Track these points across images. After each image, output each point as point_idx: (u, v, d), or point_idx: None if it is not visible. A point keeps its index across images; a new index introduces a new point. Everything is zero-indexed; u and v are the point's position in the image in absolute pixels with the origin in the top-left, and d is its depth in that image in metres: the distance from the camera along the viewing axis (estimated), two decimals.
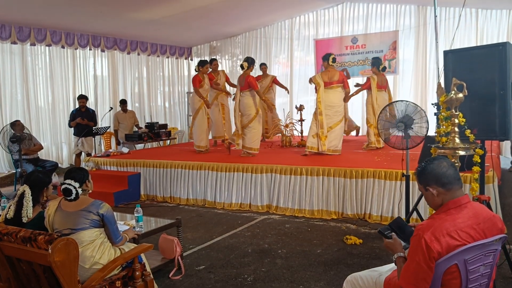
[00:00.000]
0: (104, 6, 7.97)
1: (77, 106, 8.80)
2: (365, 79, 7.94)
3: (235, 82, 7.86)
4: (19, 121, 7.21)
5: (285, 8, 10.37)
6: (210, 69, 8.03)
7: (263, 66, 9.24)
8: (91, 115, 8.61)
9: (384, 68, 7.69)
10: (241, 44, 12.00)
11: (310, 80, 7.12)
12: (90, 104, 9.07)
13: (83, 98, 8.59)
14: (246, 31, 11.67)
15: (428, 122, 3.99)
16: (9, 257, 2.57)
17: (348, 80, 7.36)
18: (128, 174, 6.88)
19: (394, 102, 4.23)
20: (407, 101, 4.09)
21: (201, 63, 7.68)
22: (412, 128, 3.99)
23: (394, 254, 2.12)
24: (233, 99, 7.51)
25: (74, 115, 8.49)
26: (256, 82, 7.12)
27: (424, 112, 3.98)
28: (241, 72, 7.08)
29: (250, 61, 7.02)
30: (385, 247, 2.22)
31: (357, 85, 7.96)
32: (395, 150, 4.65)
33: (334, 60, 6.79)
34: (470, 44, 8.88)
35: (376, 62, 7.51)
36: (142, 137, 9.30)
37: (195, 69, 7.88)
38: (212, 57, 10.22)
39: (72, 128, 8.62)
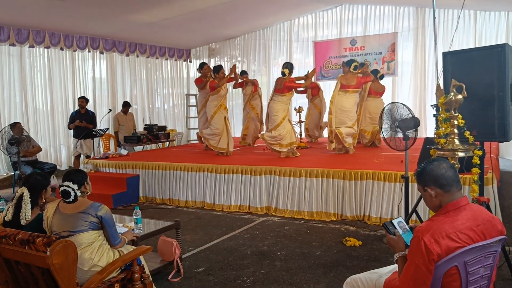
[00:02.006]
0: (103, 8, 7.97)
1: (76, 107, 8.80)
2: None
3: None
4: (19, 123, 7.17)
5: (284, 10, 10.38)
6: (200, 74, 7.80)
7: (244, 75, 8.79)
8: (90, 118, 8.61)
9: (382, 76, 8.25)
10: (240, 46, 12.02)
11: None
12: (89, 106, 9.06)
13: (82, 98, 8.60)
14: (245, 33, 11.69)
15: (417, 127, 4.01)
16: (7, 259, 2.56)
17: None
18: (127, 176, 6.86)
19: (391, 103, 4.24)
20: (401, 103, 4.09)
21: (216, 69, 7.32)
22: (405, 130, 4.00)
23: (395, 252, 2.10)
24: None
25: (73, 117, 8.49)
26: (295, 81, 7.01)
27: (413, 115, 3.99)
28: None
29: (290, 67, 6.85)
30: (387, 243, 2.20)
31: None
32: (394, 152, 4.65)
33: (356, 68, 6.93)
34: (468, 46, 8.90)
35: (375, 71, 8.18)
36: (141, 139, 9.28)
37: (212, 75, 7.46)
38: (204, 62, 10.04)
39: (72, 130, 8.62)
